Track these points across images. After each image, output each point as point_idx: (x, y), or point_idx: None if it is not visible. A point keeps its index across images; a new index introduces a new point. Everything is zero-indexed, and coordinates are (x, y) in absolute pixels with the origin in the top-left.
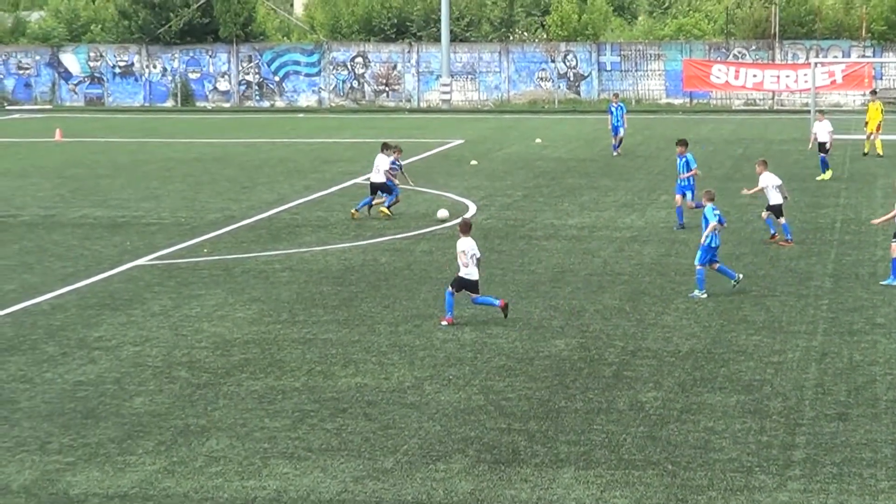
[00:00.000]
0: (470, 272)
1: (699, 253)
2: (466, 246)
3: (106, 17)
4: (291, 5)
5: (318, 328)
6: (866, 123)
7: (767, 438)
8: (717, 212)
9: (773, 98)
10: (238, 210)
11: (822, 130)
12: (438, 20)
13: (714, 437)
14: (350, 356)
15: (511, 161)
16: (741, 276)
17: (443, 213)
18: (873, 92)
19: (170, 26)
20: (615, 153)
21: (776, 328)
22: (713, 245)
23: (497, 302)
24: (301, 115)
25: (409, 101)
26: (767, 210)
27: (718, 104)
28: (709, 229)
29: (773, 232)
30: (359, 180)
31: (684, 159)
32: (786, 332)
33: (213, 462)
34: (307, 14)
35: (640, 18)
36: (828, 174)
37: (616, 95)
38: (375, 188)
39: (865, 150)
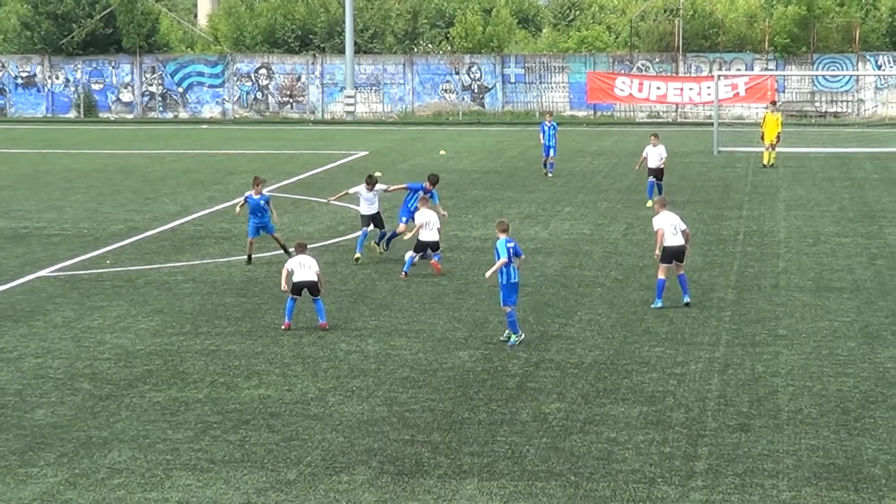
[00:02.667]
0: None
1: (501, 293)
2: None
3: (8, 28)
4: (195, 17)
5: (222, 340)
6: (762, 135)
7: (670, 449)
8: (512, 244)
9: (676, 110)
10: (141, 221)
11: (654, 155)
12: (342, 32)
13: (617, 448)
14: (253, 368)
15: (415, 173)
16: (520, 339)
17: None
18: (773, 103)
19: (73, 37)
20: (549, 173)
21: (679, 340)
22: (513, 281)
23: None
24: (205, 126)
25: (313, 112)
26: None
27: (622, 116)
28: (496, 266)
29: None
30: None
31: None
32: (689, 343)
33: (116, 474)
34: (211, 25)
35: (544, 31)
36: (650, 202)
37: (550, 113)
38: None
39: (764, 162)
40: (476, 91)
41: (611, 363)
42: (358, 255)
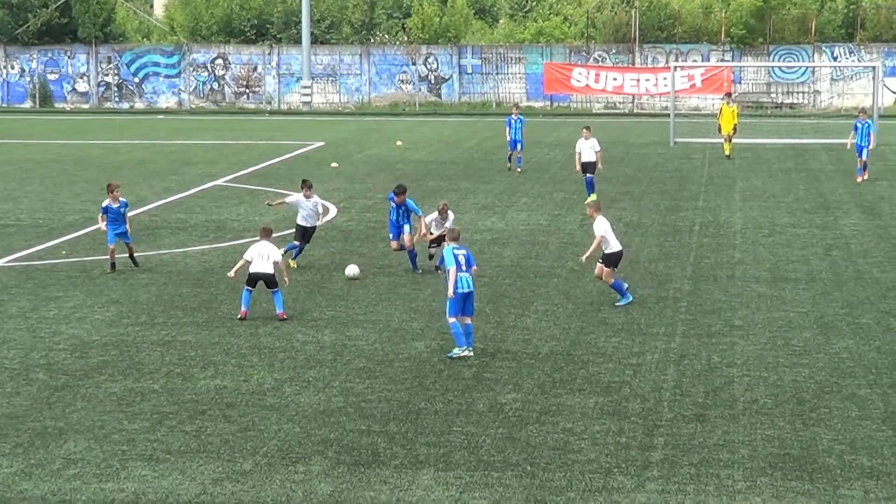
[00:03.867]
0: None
1: (448, 305)
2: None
3: None
4: (151, 6)
5: (177, 330)
6: (719, 127)
7: (626, 440)
8: (463, 251)
9: (633, 101)
10: (97, 212)
11: (587, 149)
12: (299, 22)
13: (573, 438)
14: (209, 358)
15: (372, 163)
16: (463, 352)
17: (352, 269)
18: (728, 94)
19: (28, 27)
20: (517, 169)
21: (635, 330)
22: (463, 291)
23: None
24: (161, 116)
25: (269, 102)
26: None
27: (579, 107)
28: (451, 277)
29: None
30: (219, 182)
31: None
32: (645, 334)
33: (71, 464)
34: (167, 15)
35: (500, 21)
36: (592, 196)
37: (516, 106)
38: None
39: (727, 153)
40: (433, 82)
41: (567, 354)
42: (293, 262)
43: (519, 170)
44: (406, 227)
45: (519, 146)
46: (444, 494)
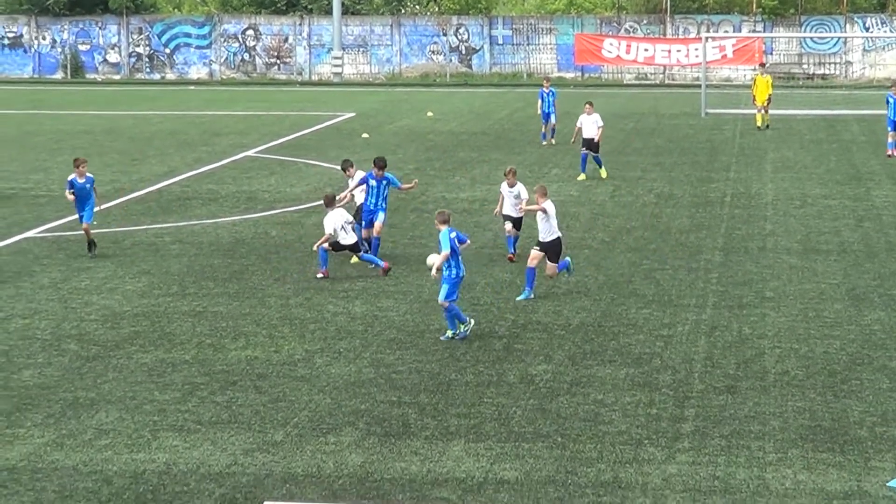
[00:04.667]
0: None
1: (445, 288)
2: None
3: None
4: None
5: (209, 301)
6: (753, 98)
7: (657, 411)
8: (454, 233)
9: (664, 72)
10: (128, 182)
11: (590, 124)
12: None
13: (604, 409)
14: (240, 329)
15: (402, 134)
16: (467, 327)
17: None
18: (762, 65)
19: None
20: (544, 142)
21: (666, 302)
22: (461, 276)
23: (381, 263)
24: (192, 87)
25: (300, 73)
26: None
27: (610, 78)
28: (440, 260)
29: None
30: (249, 153)
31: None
32: (675, 305)
33: (103, 435)
34: None
35: None
36: (603, 172)
37: (547, 79)
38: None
39: (758, 124)
40: (463, 52)
41: (598, 325)
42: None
43: (553, 141)
44: (381, 215)
45: (553, 118)
46: (475, 466)
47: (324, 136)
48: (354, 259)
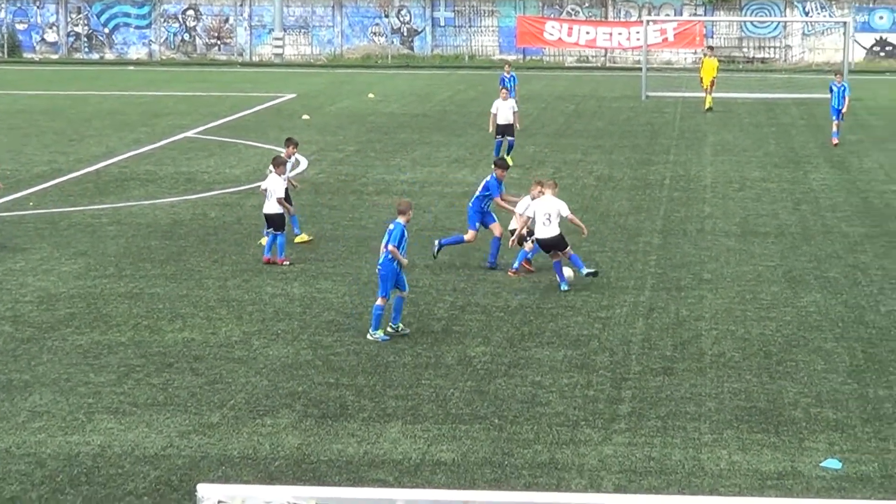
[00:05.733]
0: None
1: (389, 284)
2: None
3: None
4: None
5: (146, 283)
6: (701, 79)
7: (594, 393)
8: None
9: (605, 55)
10: (65, 163)
11: (506, 109)
12: None
13: (541, 391)
14: (177, 311)
15: (343, 116)
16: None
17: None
18: (709, 48)
19: None
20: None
21: (604, 284)
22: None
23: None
24: (131, 67)
25: (241, 54)
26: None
27: (552, 61)
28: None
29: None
30: (189, 134)
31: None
32: (614, 287)
33: (37, 417)
34: None
35: None
36: (509, 159)
37: (508, 64)
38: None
39: (707, 106)
40: (405, 34)
41: (536, 307)
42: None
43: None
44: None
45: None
46: (412, 447)
47: (264, 118)
48: (301, 238)
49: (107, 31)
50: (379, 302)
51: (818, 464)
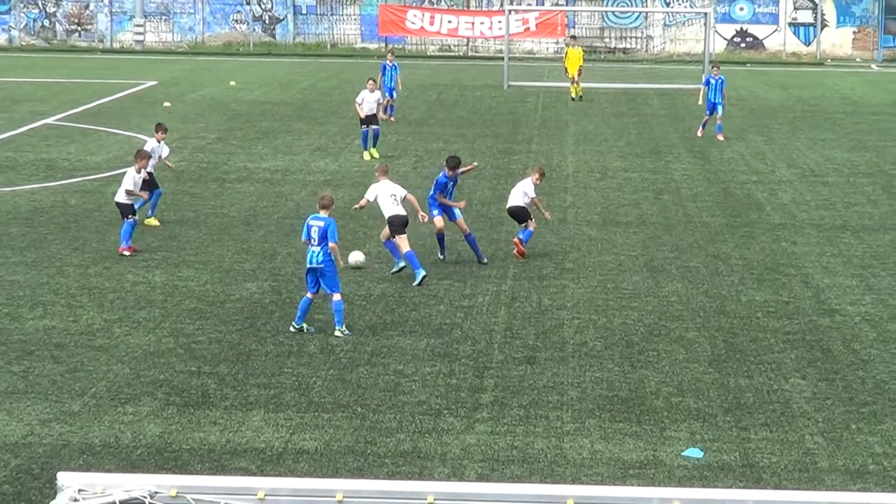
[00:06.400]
0: None
1: (335, 278)
2: None
3: None
4: None
5: (5, 269)
6: (566, 69)
7: (456, 381)
8: (319, 223)
9: (467, 44)
10: None
11: (371, 100)
12: None
13: (404, 380)
14: (38, 298)
15: (205, 103)
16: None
17: (356, 256)
18: (573, 37)
19: None
20: (390, 118)
21: (467, 273)
22: (311, 265)
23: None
24: None
25: (101, 41)
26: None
27: (414, 49)
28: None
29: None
30: (49, 121)
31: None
32: (476, 276)
33: None
34: None
35: None
36: (374, 151)
37: (391, 52)
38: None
39: (573, 95)
40: (267, 22)
41: (399, 296)
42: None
43: (392, 119)
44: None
45: (394, 94)
46: (275, 435)
47: (125, 105)
48: (150, 222)
49: None
50: (337, 297)
51: (680, 453)
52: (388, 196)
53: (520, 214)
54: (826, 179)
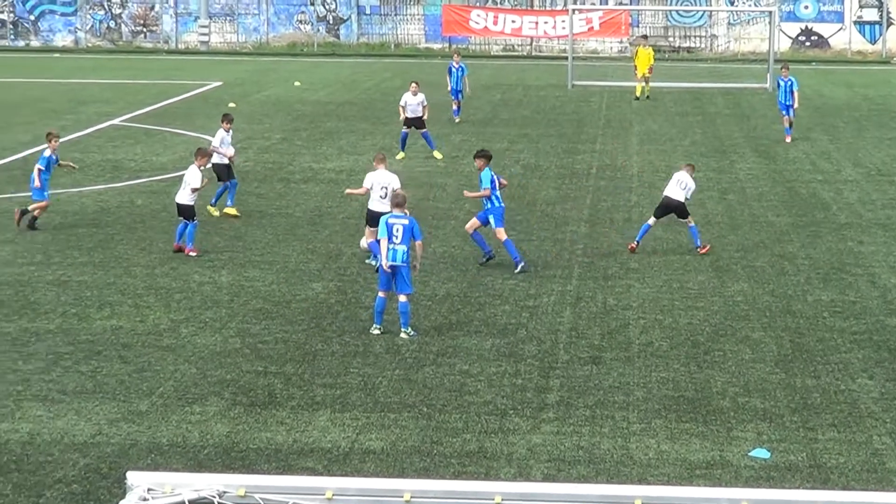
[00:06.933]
0: None
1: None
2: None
3: None
4: None
5: (74, 270)
6: (635, 68)
7: (522, 381)
8: (402, 221)
9: (531, 44)
10: None
11: (414, 103)
12: None
13: (469, 380)
14: (105, 298)
15: (270, 104)
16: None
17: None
18: (644, 37)
19: None
20: (457, 119)
21: (532, 272)
22: (392, 263)
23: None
24: (57, 54)
25: (167, 42)
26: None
27: (477, 49)
28: (381, 248)
29: None
30: (115, 122)
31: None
32: (541, 276)
33: None
34: None
35: None
36: (437, 153)
37: (457, 53)
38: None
39: (637, 94)
40: (331, 22)
41: (464, 295)
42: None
43: (458, 120)
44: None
45: (461, 96)
46: (341, 435)
47: (190, 105)
48: (230, 211)
49: (32, 18)
50: (404, 299)
51: (747, 453)
52: (379, 188)
53: (682, 209)
54: (893, 179)
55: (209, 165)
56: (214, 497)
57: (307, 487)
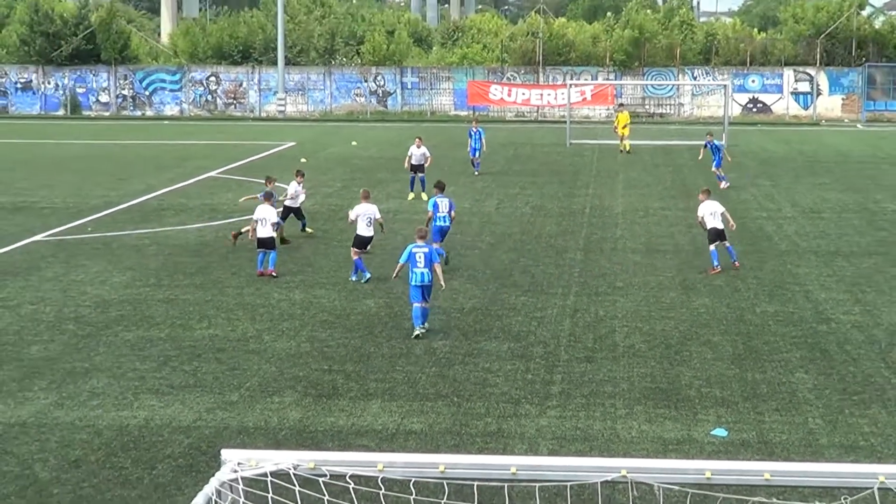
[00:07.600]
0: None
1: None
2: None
3: (10, 44)
4: (158, 35)
5: (179, 290)
6: (615, 128)
7: (531, 376)
8: (425, 249)
9: (537, 111)
10: (115, 197)
11: (419, 155)
12: (276, 48)
13: (490, 375)
14: (204, 312)
15: (332, 159)
16: (422, 330)
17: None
18: (621, 105)
19: (61, 51)
20: (475, 172)
21: (539, 290)
22: (416, 284)
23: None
24: (166, 122)
25: (252, 111)
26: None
27: (495, 116)
28: (397, 267)
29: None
30: (212, 174)
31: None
32: (546, 293)
33: (95, 396)
34: (171, 42)
35: (434, 48)
36: (424, 195)
37: (476, 120)
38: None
39: (622, 149)
40: (381, 95)
41: (486, 309)
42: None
43: (477, 173)
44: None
45: (479, 153)
46: (389, 420)
47: (270, 161)
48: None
49: (147, 93)
50: (426, 305)
51: (709, 432)
52: (364, 217)
53: (724, 234)
54: (822, 215)
55: (281, 209)
56: (290, 469)
57: (363, 461)
